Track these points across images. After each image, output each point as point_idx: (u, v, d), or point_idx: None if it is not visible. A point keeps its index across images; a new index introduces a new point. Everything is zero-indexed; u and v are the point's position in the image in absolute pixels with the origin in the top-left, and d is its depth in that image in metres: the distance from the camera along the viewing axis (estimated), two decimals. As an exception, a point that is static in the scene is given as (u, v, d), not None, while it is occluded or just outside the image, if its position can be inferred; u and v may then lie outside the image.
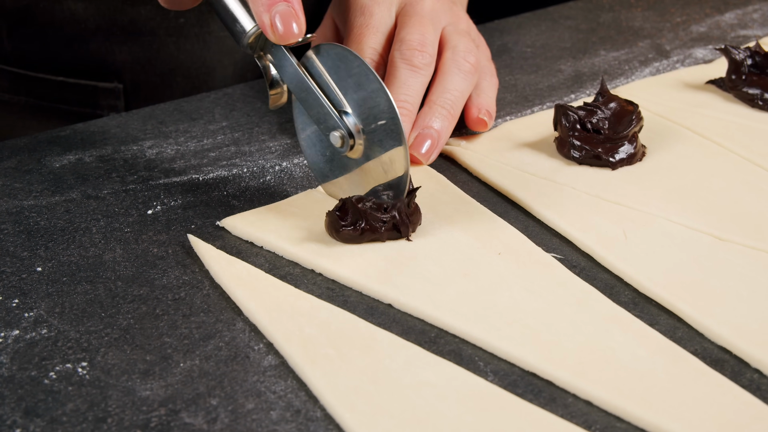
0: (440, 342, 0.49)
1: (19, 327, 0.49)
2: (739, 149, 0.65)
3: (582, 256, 0.56)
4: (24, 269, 0.53)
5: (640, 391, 0.45)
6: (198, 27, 0.82)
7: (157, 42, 0.81)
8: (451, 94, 0.64)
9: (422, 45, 0.64)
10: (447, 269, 0.53)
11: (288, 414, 0.44)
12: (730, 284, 0.53)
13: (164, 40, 0.81)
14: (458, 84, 0.65)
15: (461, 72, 0.65)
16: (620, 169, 0.63)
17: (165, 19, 0.80)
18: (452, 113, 0.64)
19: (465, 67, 0.65)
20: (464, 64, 0.65)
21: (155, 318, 0.50)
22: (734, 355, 0.48)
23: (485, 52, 0.71)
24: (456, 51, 0.66)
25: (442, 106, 0.64)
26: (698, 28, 0.86)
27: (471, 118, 0.66)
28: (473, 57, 0.66)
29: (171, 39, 0.81)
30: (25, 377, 0.46)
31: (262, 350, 0.48)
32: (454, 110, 0.64)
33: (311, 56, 0.57)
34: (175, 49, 0.82)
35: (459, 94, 0.65)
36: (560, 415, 0.45)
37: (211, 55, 0.83)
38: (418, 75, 0.64)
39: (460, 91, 0.65)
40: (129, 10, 0.79)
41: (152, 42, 0.81)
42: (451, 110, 0.64)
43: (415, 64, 0.64)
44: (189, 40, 0.82)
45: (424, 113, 0.64)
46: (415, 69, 0.64)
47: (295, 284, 0.53)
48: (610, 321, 0.50)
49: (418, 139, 0.63)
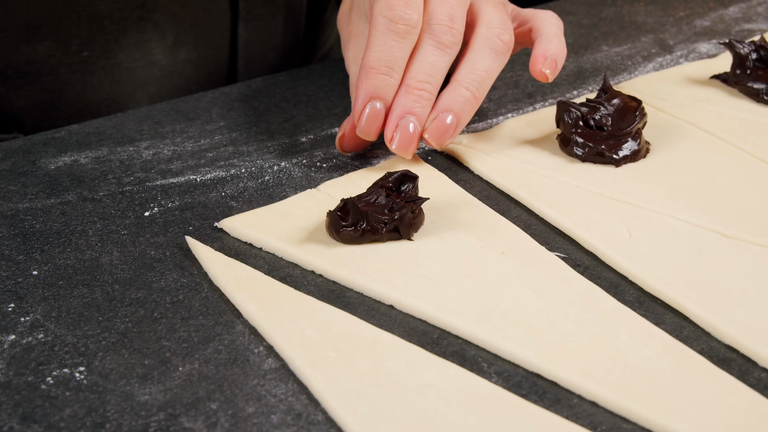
0: (443, 343, 0.49)
1: (15, 332, 0.49)
2: (744, 145, 0.65)
3: (586, 254, 0.56)
4: (19, 273, 0.53)
5: (646, 392, 0.45)
6: (105, 59, 0.75)
7: (59, 81, 0.74)
8: (478, 74, 0.61)
9: (452, 20, 0.60)
10: (449, 269, 0.53)
11: (289, 418, 0.44)
12: (737, 282, 0.52)
13: (68, 78, 0.75)
14: (488, 64, 0.61)
15: (493, 51, 0.61)
16: (624, 166, 0.63)
17: (67, 54, 0.73)
18: (477, 96, 0.61)
19: (498, 46, 0.61)
20: (497, 43, 0.61)
21: (153, 321, 0.50)
22: (741, 353, 0.48)
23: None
24: (490, 27, 0.62)
25: (467, 87, 0.60)
26: (702, 22, 0.86)
27: (534, 69, 0.62)
28: (508, 35, 0.62)
29: (75, 76, 0.75)
30: (22, 383, 0.46)
31: (262, 353, 0.48)
32: (479, 93, 0.61)
33: None
34: (81, 87, 0.76)
35: (487, 75, 0.61)
36: (565, 416, 0.44)
37: (121, 89, 0.78)
38: (445, 54, 0.60)
39: (488, 72, 0.61)
40: (24, 48, 0.72)
41: (54, 82, 0.74)
42: (476, 93, 0.61)
43: (444, 42, 0.60)
44: (96, 74, 0.76)
45: (447, 93, 0.61)
46: (442, 47, 0.60)
47: (295, 286, 0.52)
48: (615, 320, 0.50)
49: (436, 123, 0.60)
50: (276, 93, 0.73)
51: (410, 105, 0.59)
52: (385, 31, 0.59)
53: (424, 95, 0.60)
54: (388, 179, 0.56)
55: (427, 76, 0.59)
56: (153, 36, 0.77)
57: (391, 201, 0.55)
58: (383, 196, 0.55)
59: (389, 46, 0.59)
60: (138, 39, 0.76)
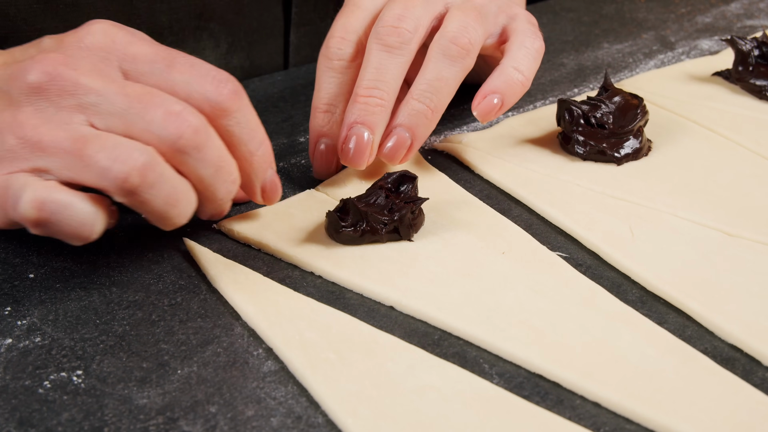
0: (444, 344, 0.48)
1: (12, 335, 0.48)
2: (747, 142, 0.65)
3: (588, 254, 0.55)
4: (16, 276, 0.53)
5: (649, 392, 0.45)
6: None
7: None
8: (430, 84, 0.57)
9: (399, 20, 0.57)
10: (449, 270, 0.53)
11: (289, 421, 0.44)
12: (740, 280, 0.52)
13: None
14: (441, 71, 0.57)
15: (447, 57, 0.57)
16: (626, 165, 0.62)
17: None
18: (432, 107, 0.58)
19: (451, 50, 0.57)
20: (450, 48, 0.57)
21: (151, 324, 0.49)
22: (745, 353, 0.48)
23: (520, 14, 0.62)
24: (444, 32, 0.58)
25: (419, 99, 0.57)
26: (703, 18, 0.86)
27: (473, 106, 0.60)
28: (466, 37, 0.58)
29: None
30: (19, 387, 0.45)
31: (262, 355, 0.47)
32: (433, 103, 0.58)
33: None
34: None
35: (441, 83, 0.57)
36: (568, 417, 0.44)
37: None
38: (393, 56, 0.57)
39: (442, 81, 0.57)
40: None
41: None
42: (430, 104, 0.57)
43: (389, 43, 0.57)
44: None
45: (400, 108, 0.58)
46: (389, 49, 0.57)
47: (294, 287, 0.52)
48: (618, 320, 0.49)
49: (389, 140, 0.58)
50: (274, 93, 0.73)
51: (359, 114, 0.57)
52: (323, 68, 0.59)
53: (371, 102, 0.57)
54: (387, 180, 0.55)
55: (374, 81, 0.57)
56: (208, 44, 0.77)
57: (390, 201, 0.54)
58: (383, 197, 0.54)
59: (325, 83, 0.59)
60: (194, 48, 0.76)
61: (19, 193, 0.46)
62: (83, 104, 0.47)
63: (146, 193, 0.47)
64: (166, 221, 0.49)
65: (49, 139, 0.47)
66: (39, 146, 0.47)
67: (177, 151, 0.47)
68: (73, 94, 0.47)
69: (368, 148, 0.57)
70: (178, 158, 0.48)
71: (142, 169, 0.46)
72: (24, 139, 0.47)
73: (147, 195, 0.47)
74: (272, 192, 0.55)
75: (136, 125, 0.47)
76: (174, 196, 0.48)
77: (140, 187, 0.46)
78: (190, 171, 0.49)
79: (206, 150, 0.48)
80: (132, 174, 0.46)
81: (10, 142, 0.47)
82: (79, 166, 0.46)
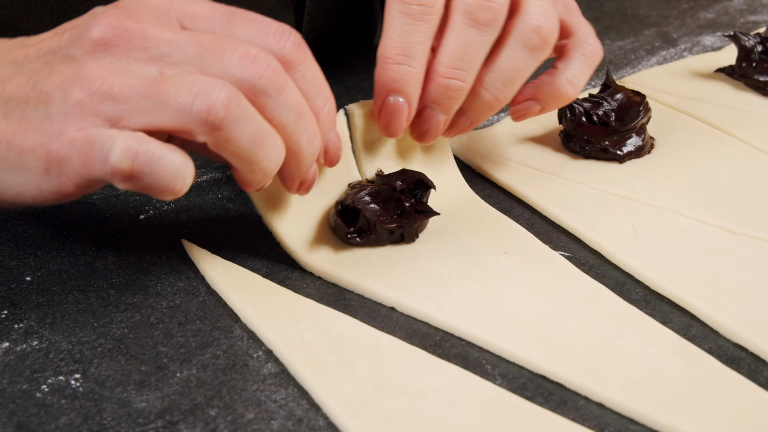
0: (446, 345, 0.48)
1: (8, 339, 0.48)
2: (751, 139, 0.65)
3: (591, 253, 0.55)
4: (12, 279, 0.52)
5: (653, 392, 0.44)
6: None
7: None
8: (504, 75, 0.53)
9: None
10: (451, 270, 0.52)
11: (290, 423, 0.43)
12: (745, 279, 0.52)
13: None
14: (518, 62, 0.53)
15: (526, 47, 0.52)
16: (628, 163, 0.62)
17: None
18: (500, 100, 0.53)
19: (533, 41, 0.52)
20: (532, 38, 0.52)
21: (150, 327, 0.49)
22: (751, 352, 0.48)
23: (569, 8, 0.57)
24: (524, 18, 0.52)
25: (489, 89, 0.53)
26: (706, 14, 0.86)
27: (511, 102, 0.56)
28: (549, 27, 0.52)
29: None
30: (17, 391, 0.45)
31: (261, 358, 0.47)
32: (503, 96, 0.53)
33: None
34: None
35: (515, 75, 0.53)
36: (572, 418, 0.44)
37: None
38: (482, 33, 0.51)
39: (518, 72, 0.53)
40: None
41: None
42: (500, 96, 0.53)
43: (479, 18, 0.51)
44: None
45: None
46: (478, 26, 0.51)
47: (294, 289, 0.52)
48: (622, 320, 0.49)
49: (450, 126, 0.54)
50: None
51: (437, 97, 0.52)
52: (398, 14, 0.51)
53: (452, 85, 0.52)
54: (404, 179, 0.54)
55: (459, 61, 0.51)
56: None
57: (400, 205, 0.54)
58: (394, 199, 0.53)
59: (403, 31, 0.51)
60: None
61: (108, 144, 0.43)
62: (155, 56, 0.44)
63: (231, 129, 0.43)
64: (253, 166, 0.45)
65: (120, 86, 0.43)
66: (109, 94, 0.43)
67: (258, 92, 0.44)
68: (143, 48, 0.44)
69: (440, 132, 0.54)
70: (260, 100, 0.45)
71: (225, 101, 0.43)
72: (92, 90, 0.43)
73: (232, 131, 0.43)
74: (334, 154, 0.52)
75: (214, 69, 0.44)
76: (260, 134, 0.44)
77: (225, 120, 0.43)
78: (273, 115, 0.45)
79: (287, 93, 0.45)
80: (216, 105, 0.42)
81: (76, 95, 0.43)
82: (156, 107, 0.43)
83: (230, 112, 0.43)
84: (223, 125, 0.43)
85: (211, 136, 0.43)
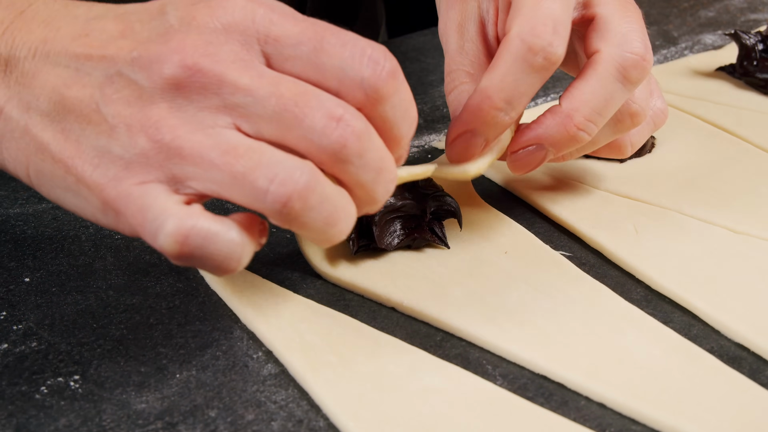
0: (446, 346, 0.48)
1: (7, 340, 0.48)
2: (752, 137, 0.65)
3: (591, 252, 0.55)
4: (11, 280, 0.52)
5: (655, 392, 0.44)
6: None
7: None
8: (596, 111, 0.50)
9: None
10: (452, 270, 0.52)
11: (290, 424, 0.43)
12: (747, 278, 0.51)
13: None
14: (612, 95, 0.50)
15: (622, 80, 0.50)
16: (629, 162, 0.62)
17: None
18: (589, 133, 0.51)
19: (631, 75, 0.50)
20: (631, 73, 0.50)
21: (149, 328, 0.49)
22: (752, 352, 0.47)
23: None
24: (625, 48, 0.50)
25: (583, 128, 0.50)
26: (706, 12, 0.85)
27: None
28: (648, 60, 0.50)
29: None
30: (16, 392, 0.45)
31: (261, 358, 0.47)
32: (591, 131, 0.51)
33: None
34: None
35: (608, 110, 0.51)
36: (573, 418, 0.44)
37: None
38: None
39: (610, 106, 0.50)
40: None
41: None
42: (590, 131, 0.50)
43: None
44: None
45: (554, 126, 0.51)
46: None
47: (294, 289, 0.51)
48: (622, 319, 0.49)
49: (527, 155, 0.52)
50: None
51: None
52: (519, 58, 0.48)
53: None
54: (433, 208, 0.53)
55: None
56: None
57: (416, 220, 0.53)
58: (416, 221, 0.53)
59: (516, 78, 0.48)
60: None
61: (159, 221, 0.40)
62: (229, 105, 0.40)
63: (306, 217, 0.40)
64: (323, 242, 0.42)
65: (191, 146, 0.39)
66: (179, 153, 0.39)
67: (339, 161, 0.41)
68: (218, 93, 0.40)
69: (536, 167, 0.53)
70: (338, 167, 0.41)
71: (303, 191, 0.39)
72: (160, 143, 0.39)
73: (306, 218, 0.40)
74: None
75: (292, 132, 0.40)
76: (335, 215, 0.41)
77: (301, 211, 0.40)
78: (350, 179, 0.42)
79: (368, 154, 0.41)
80: (293, 197, 0.39)
81: (141, 144, 0.40)
82: (228, 182, 0.39)
83: (306, 202, 0.40)
84: (298, 216, 0.40)
85: (283, 223, 0.41)
